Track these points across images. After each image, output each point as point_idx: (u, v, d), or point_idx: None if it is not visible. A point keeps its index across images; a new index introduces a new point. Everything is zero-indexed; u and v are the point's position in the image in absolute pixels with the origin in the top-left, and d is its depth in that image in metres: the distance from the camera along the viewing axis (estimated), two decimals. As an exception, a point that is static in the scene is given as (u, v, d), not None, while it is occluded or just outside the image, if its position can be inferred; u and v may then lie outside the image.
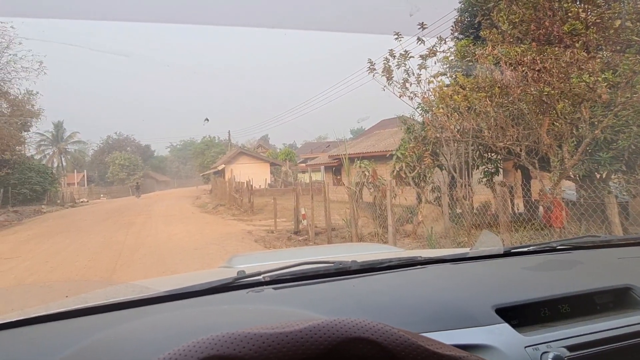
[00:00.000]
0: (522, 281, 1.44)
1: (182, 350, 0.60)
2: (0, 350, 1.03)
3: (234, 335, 0.61)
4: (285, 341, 0.60)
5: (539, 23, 6.68)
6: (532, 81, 6.19)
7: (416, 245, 9.12)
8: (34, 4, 9.83)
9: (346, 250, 2.85)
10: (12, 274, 8.76)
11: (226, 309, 1.18)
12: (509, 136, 7.36)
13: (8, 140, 24.61)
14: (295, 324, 0.63)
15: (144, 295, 1.29)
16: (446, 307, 1.17)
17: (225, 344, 0.59)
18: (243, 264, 1.99)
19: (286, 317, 1.09)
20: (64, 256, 10.59)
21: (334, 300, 1.24)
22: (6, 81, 22.66)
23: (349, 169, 13.12)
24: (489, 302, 1.16)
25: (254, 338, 0.60)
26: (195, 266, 8.77)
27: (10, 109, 24.60)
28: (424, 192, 10.54)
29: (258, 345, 0.59)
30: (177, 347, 0.61)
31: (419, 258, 1.65)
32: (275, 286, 1.34)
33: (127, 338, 0.99)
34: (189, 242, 12.07)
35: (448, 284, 1.41)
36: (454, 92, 8.05)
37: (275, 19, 17.96)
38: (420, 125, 10.90)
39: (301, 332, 0.62)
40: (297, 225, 13.01)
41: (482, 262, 1.69)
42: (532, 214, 7.57)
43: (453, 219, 9.07)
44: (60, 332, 1.09)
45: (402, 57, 8.91)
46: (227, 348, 0.59)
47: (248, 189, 21.14)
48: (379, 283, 1.42)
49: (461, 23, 10.45)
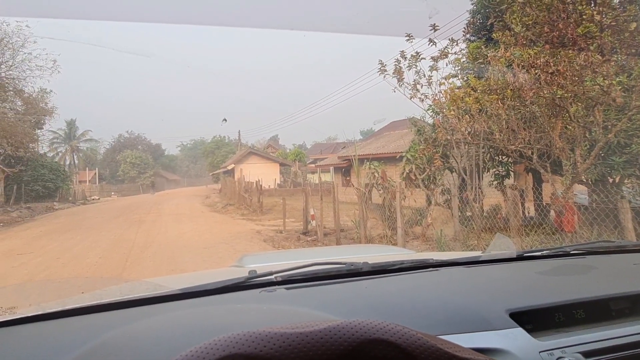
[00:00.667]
0: (536, 285, 1.43)
1: (204, 347, 0.61)
2: (19, 344, 1.05)
3: (256, 334, 0.61)
4: (305, 341, 0.61)
5: (553, 25, 6.63)
6: (545, 84, 6.14)
7: (425, 248, 9.08)
8: (54, 5, 9.97)
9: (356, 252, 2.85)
10: (25, 269, 8.88)
11: (240, 308, 1.19)
12: (521, 139, 7.30)
13: (22, 137, 24.94)
14: (315, 324, 0.64)
15: (158, 292, 1.31)
16: (460, 310, 1.16)
17: (246, 343, 0.60)
18: (254, 264, 2.00)
19: (299, 318, 1.09)
20: (75, 253, 10.70)
21: (347, 301, 1.25)
22: (21, 79, 22.98)
23: (358, 170, 13.11)
24: (503, 306, 1.16)
25: (275, 337, 0.61)
26: (204, 265, 8.82)
27: (24, 106, 24.93)
28: (433, 195, 10.50)
29: (279, 345, 0.60)
30: (199, 345, 0.61)
31: (431, 260, 1.65)
32: (288, 286, 1.35)
33: (143, 335, 1.01)
34: (199, 240, 12.14)
35: (461, 287, 1.40)
36: (465, 94, 8.01)
37: (296, 21, 18.09)
38: (431, 127, 10.85)
39: (321, 333, 0.62)
40: (305, 226, 13.02)
41: (495, 266, 1.68)
42: (543, 218, 7.50)
43: (463, 222, 9.02)
44: (77, 328, 1.11)
45: (413, 59, 8.89)
46: (248, 347, 0.60)
47: (257, 188, 21.21)
48: (391, 285, 1.42)
49: (473, 25, 10.38)
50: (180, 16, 13.57)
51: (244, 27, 39.54)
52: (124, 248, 11.06)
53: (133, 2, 11.22)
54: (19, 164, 28.33)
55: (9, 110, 24.08)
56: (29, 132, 26.27)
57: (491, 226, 8.28)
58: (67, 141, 58.93)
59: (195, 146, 74.52)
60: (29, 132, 26.27)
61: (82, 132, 60.39)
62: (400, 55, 8.93)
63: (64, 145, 59.11)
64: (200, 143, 71.04)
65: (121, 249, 10.98)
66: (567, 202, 6.68)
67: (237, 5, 13.46)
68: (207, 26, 59.18)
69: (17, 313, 1.21)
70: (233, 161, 40.21)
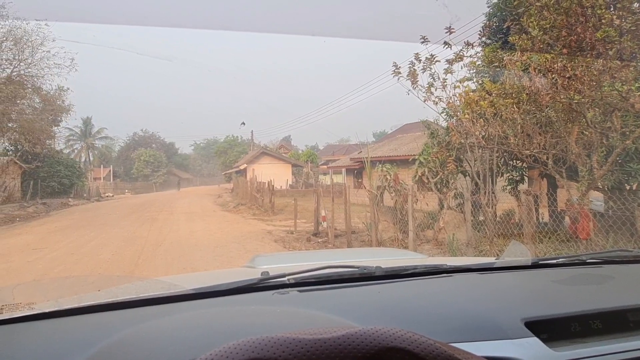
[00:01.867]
0: (551, 294, 1.41)
1: (223, 351, 0.61)
2: (37, 339, 1.07)
3: (274, 339, 0.62)
4: (323, 347, 0.61)
5: (571, 29, 6.53)
6: (562, 89, 6.06)
7: (437, 252, 9.02)
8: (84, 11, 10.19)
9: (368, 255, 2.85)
10: (40, 264, 9.02)
11: (254, 310, 1.19)
12: (536, 144, 7.22)
13: (39, 134, 25.35)
14: (333, 331, 0.64)
15: (173, 292, 1.32)
16: (474, 317, 1.15)
17: (265, 347, 0.61)
18: (266, 265, 2.01)
19: (313, 321, 1.09)
20: (89, 249, 10.85)
21: (360, 306, 1.24)
22: (39, 77, 23.34)
23: (370, 172, 13.07)
24: (518, 315, 1.14)
25: (293, 343, 0.61)
26: (215, 264, 8.87)
27: (42, 104, 25.32)
28: (446, 198, 10.42)
29: (297, 351, 0.61)
30: (220, 348, 0.62)
31: (445, 266, 1.63)
32: (300, 289, 1.35)
33: (159, 335, 1.02)
34: (210, 239, 12.22)
35: (475, 294, 1.39)
36: (480, 97, 7.95)
37: (316, 27, 18.40)
38: (445, 130, 10.79)
39: (339, 339, 0.62)
40: (316, 227, 13.02)
41: (510, 273, 1.66)
42: (558, 224, 7.40)
43: (475, 227, 8.94)
44: (93, 325, 1.12)
45: (427, 61, 8.85)
46: (267, 351, 0.60)
47: (269, 189, 21.27)
48: (404, 290, 1.42)
49: (489, 28, 10.30)
50: (204, 21, 13.76)
51: (268, 33, 40.00)
52: (137, 245, 11.17)
53: (157, 7, 11.43)
54: (35, 160, 28.82)
55: (27, 107, 24.51)
56: (46, 129, 26.70)
57: (504, 231, 8.19)
58: (83, 138, 59.81)
59: (208, 145, 75.03)
60: (46, 129, 26.70)
61: (97, 129, 61.33)
62: (414, 58, 8.90)
63: (79, 143, 60.01)
64: (213, 142, 71.51)
65: (134, 246, 11.10)
66: (582, 208, 6.59)
67: (261, 13, 13.63)
68: (230, 31, 59.75)
69: (35, 308, 1.23)
70: (245, 161, 40.42)
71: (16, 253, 10.30)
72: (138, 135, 67.16)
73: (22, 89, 22.95)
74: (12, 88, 21.62)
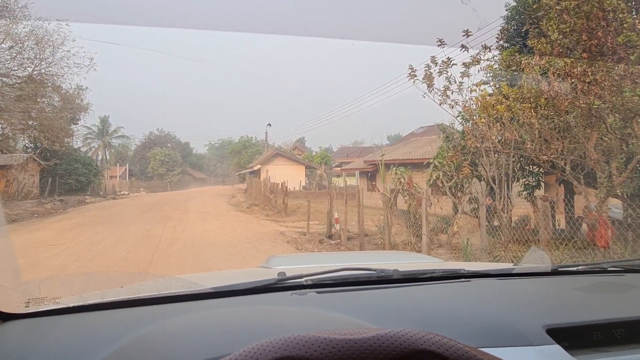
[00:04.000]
0: (573, 302, 1.39)
1: (255, 349, 0.62)
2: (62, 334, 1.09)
3: (305, 337, 0.63)
4: (354, 347, 0.62)
5: (591, 33, 6.44)
6: (582, 93, 5.97)
7: (451, 256, 8.95)
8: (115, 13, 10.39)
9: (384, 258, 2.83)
10: (57, 259, 9.18)
11: (273, 310, 1.20)
12: (554, 149, 7.12)
13: (58, 132, 25.77)
14: (362, 332, 0.64)
15: (193, 290, 1.33)
16: (495, 323, 1.14)
17: (297, 346, 0.61)
18: (281, 265, 2.02)
19: (333, 323, 1.09)
20: (104, 246, 11.00)
21: (378, 309, 1.24)
22: (59, 76, 23.72)
23: (384, 175, 13.04)
24: (539, 322, 1.12)
25: (324, 342, 0.62)
26: (228, 263, 8.92)
27: (61, 102, 25.74)
28: (460, 203, 10.34)
29: (328, 350, 0.61)
30: (251, 346, 0.63)
31: (463, 271, 1.61)
32: (318, 290, 1.36)
33: (181, 332, 1.03)
34: (223, 239, 12.29)
35: (495, 300, 1.38)
36: (497, 101, 7.87)
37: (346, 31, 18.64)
38: (460, 134, 10.70)
39: (370, 340, 0.63)
40: (329, 229, 13.01)
41: (530, 280, 1.64)
42: (575, 231, 7.28)
43: (490, 232, 8.84)
44: (116, 321, 1.14)
45: (444, 64, 8.79)
46: (299, 350, 0.61)
47: (282, 190, 21.32)
48: (422, 294, 1.41)
49: (507, 31, 10.20)
50: (234, 24, 13.91)
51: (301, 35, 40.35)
52: (151, 243, 11.30)
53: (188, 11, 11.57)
54: (54, 158, 29.35)
55: (47, 106, 24.94)
56: (65, 127, 27.15)
57: (519, 237, 8.09)
58: (100, 137, 60.69)
59: (223, 146, 75.47)
60: (65, 127, 27.15)
61: (114, 128, 62.18)
62: (431, 61, 8.85)
63: (97, 141, 60.90)
64: (227, 143, 71.91)
65: (148, 244, 11.22)
66: (600, 216, 6.47)
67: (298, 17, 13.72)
68: (258, 34, 60.13)
69: (60, 303, 1.25)
70: (259, 162, 40.59)
71: (34, 248, 10.49)
72: (154, 134, 67.87)
73: (43, 88, 23.38)
74: (33, 87, 22.04)
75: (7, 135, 24.73)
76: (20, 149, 28.33)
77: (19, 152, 27.40)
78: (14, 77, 22.26)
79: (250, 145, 56.69)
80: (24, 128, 24.12)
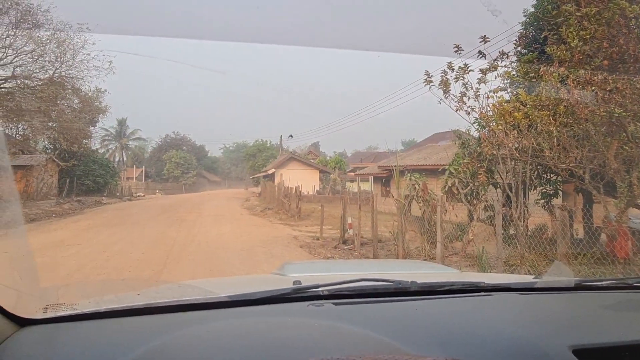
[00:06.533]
0: (599, 320, 1.35)
1: None
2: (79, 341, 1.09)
3: None
4: None
5: (613, 40, 6.33)
6: (603, 102, 5.87)
7: (466, 264, 8.84)
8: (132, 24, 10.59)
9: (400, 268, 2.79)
10: (73, 259, 9.31)
11: (292, 322, 1.19)
12: (572, 157, 7.00)
13: (77, 134, 26.25)
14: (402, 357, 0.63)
15: (208, 298, 1.33)
16: (517, 341, 1.11)
17: None
18: (296, 273, 2.01)
19: (354, 337, 1.08)
20: (120, 247, 11.13)
21: (397, 322, 1.22)
22: (79, 79, 24.18)
23: (398, 181, 12.95)
24: (565, 342, 1.09)
25: None
26: (241, 267, 8.95)
27: (80, 104, 26.23)
28: (476, 210, 10.22)
29: None
30: None
31: (483, 284, 1.58)
32: (335, 301, 1.34)
33: (198, 343, 1.02)
34: (237, 242, 12.34)
35: (518, 316, 1.34)
36: (514, 108, 7.78)
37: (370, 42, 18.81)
38: (476, 140, 10.59)
39: None
40: (343, 234, 12.96)
41: (552, 295, 1.60)
42: (594, 242, 7.14)
43: (505, 240, 8.72)
44: (133, 328, 1.14)
45: (460, 70, 8.73)
46: None
47: (296, 194, 21.35)
48: (441, 308, 1.39)
49: (525, 38, 10.09)
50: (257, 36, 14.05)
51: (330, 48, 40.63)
52: (166, 245, 11.39)
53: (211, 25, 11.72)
54: (72, 159, 29.91)
55: (67, 108, 25.39)
56: (84, 129, 27.63)
57: (536, 246, 7.97)
58: (118, 139, 61.59)
59: (238, 149, 75.97)
60: (84, 129, 27.63)
61: (132, 130, 63.09)
62: (447, 67, 8.79)
63: (114, 143, 61.82)
64: (242, 146, 72.37)
65: (163, 246, 11.32)
66: (620, 226, 6.34)
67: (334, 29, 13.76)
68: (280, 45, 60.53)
69: (77, 309, 1.26)
70: (273, 165, 40.73)
71: (51, 248, 10.65)
72: (170, 137, 68.65)
73: (63, 90, 23.83)
74: (53, 89, 22.49)
75: (28, 136, 25.25)
76: (40, 150, 28.91)
77: (38, 153, 27.96)
78: (36, 79, 22.73)
79: (265, 149, 56.91)
80: (44, 129, 24.62)
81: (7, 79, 21.94)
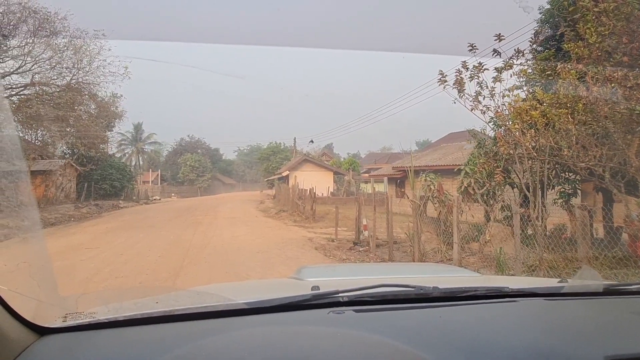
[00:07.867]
0: (633, 328, 1.29)
1: None
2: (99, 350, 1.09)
3: None
4: None
5: (632, 36, 6.20)
6: (623, 99, 5.74)
7: (483, 265, 8.73)
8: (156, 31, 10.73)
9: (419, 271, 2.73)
10: (91, 262, 9.44)
11: (312, 331, 1.17)
12: (592, 156, 6.87)
13: (94, 138, 26.72)
14: None
15: (226, 305, 1.32)
16: (547, 351, 1.06)
17: None
18: (313, 277, 1.99)
19: (378, 347, 1.06)
20: (137, 250, 11.25)
21: (420, 330, 1.19)
22: (95, 84, 24.58)
23: (413, 181, 12.86)
24: (599, 351, 1.04)
25: None
26: (257, 269, 8.97)
27: (97, 110, 26.68)
28: (492, 211, 10.09)
29: None
30: None
31: (507, 289, 1.52)
32: (356, 308, 1.31)
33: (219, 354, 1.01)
34: (252, 244, 12.38)
35: (545, 323, 1.29)
36: (530, 107, 7.66)
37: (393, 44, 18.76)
38: (492, 140, 10.46)
39: None
40: (357, 236, 12.92)
41: (581, 301, 1.54)
42: (615, 241, 6.98)
43: (523, 240, 8.58)
44: (152, 337, 1.14)
45: (475, 69, 8.62)
46: None
47: (311, 196, 21.36)
48: (465, 315, 1.34)
49: (541, 35, 9.94)
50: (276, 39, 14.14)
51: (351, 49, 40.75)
52: (182, 248, 11.49)
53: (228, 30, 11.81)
54: (90, 163, 30.43)
55: (84, 113, 25.83)
56: (101, 134, 28.10)
57: (555, 247, 7.82)
58: (134, 143, 62.38)
59: (252, 152, 76.30)
60: (101, 134, 28.10)
61: (147, 134, 63.87)
62: (462, 66, 8.70)
63: (130, 147, 62.63)
64: (256, 149, 72.66)
65: (179, 248, 11.42)
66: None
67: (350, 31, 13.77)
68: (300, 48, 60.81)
69: (96, 317, 1.26)
70: (287, 168, 40.81)
71: (71, 252, 10.82)
72: (185, 141, 69.29)
73: (80, 96, 24.24)
74: (70, 95, 22.90)
75: (47, 142, 25.74)
76: (58, 155, 29.45)
77: (57, 158, 28.48)
78: (53, 86, 23.17)
79: (279, 151, 57.07)
80: (62, 135, 25.07)
81: (26, 86, 22.39)
